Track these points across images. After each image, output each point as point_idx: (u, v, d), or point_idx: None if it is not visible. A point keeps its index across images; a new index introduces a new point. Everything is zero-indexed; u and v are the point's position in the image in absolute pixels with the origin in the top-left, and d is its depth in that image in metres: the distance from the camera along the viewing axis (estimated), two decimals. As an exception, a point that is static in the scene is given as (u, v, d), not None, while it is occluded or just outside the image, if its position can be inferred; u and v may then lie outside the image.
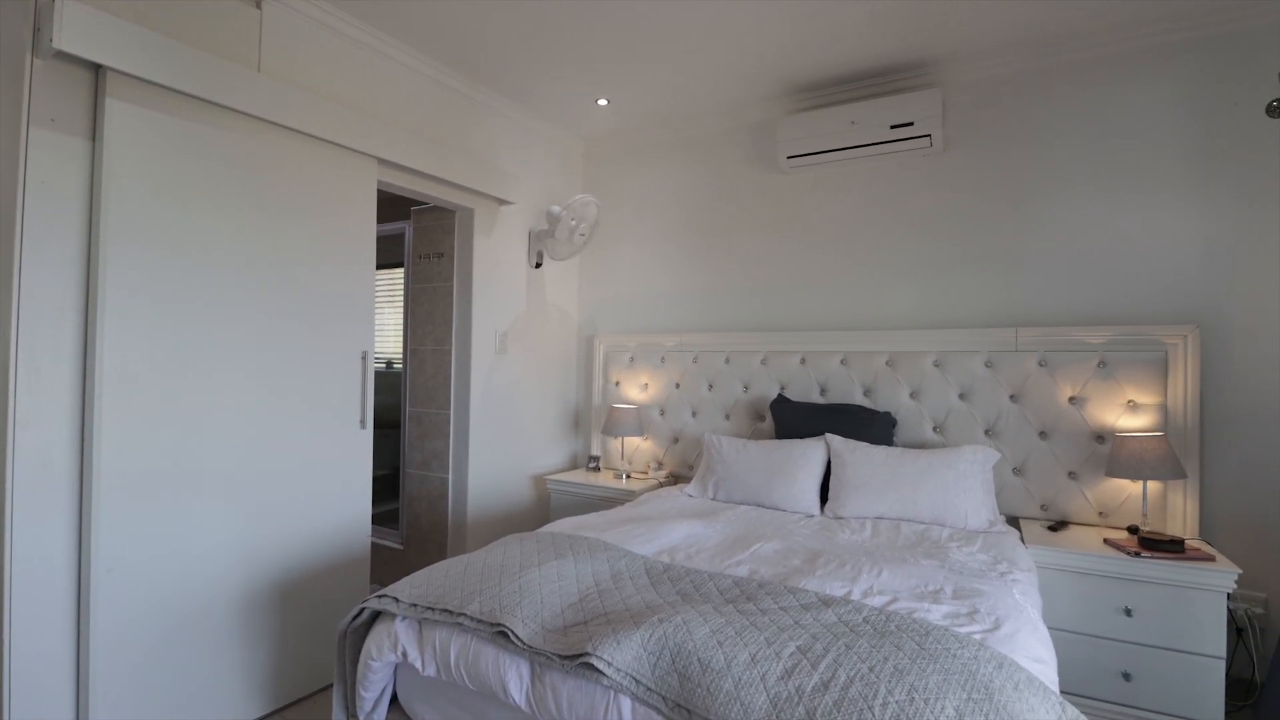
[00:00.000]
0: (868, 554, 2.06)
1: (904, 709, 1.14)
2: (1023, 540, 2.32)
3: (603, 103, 3.37)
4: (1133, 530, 2.35)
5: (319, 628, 2.44)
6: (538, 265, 3.60)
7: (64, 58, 1.78)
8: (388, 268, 3.95)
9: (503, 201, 3.27)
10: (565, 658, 1.37)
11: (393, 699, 1.76)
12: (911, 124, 2.82)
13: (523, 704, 1.42)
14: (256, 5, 2.28)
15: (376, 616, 1.73)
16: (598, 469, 3.68)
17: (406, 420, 3.51)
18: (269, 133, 2.26)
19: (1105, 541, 2.30)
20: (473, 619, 1.52)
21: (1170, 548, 2.15)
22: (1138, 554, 2.14)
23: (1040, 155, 2.76)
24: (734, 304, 3.48)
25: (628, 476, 3.44)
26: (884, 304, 3.08)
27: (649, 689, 1.30)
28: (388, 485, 3.88)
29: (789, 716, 1.16)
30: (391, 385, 4.02)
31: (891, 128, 2.86)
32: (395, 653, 1.61)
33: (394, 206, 3.83)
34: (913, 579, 1.81)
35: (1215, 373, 2.44)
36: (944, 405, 2.83)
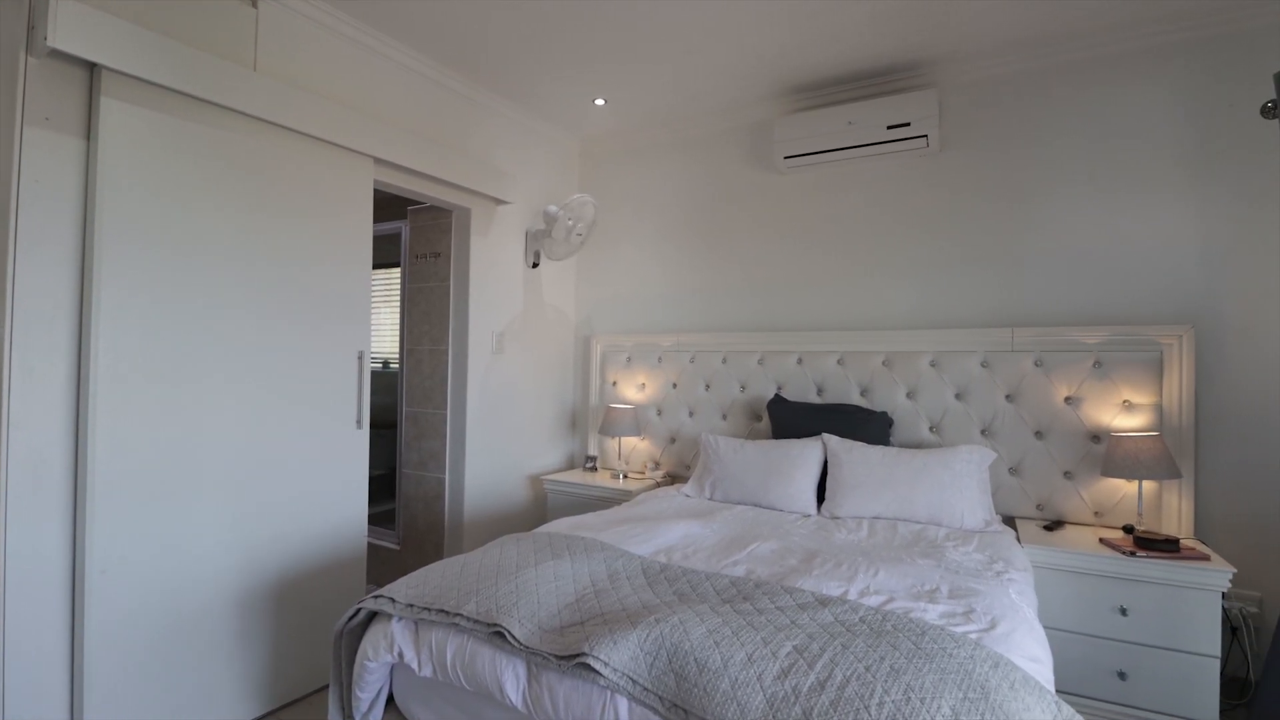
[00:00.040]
0: (864, 554, 2.06)
1: (900, 708, 1.14)
2: (1019, 540, 2.33)
3: (600, 103, 3.37)
4: (1128, 530, 2.36)
5: (315, 628, 2.44)
6: (535, 265, 3.60)
7: (58, 56, 1.77)
8: (384, 267, 3.95)
9: (500, 201, 3.27)
10: (562, 658, 1.37)
11: (389, 700, 1.75)
12: (908, 124, 2.83)
13: (519, 704, 1.42)
14: (253, 4, 2.28)
15: (373, 617, 1.73)
16: (595, 469, 3.68)
17: (403, 420, 3.50)
18: (265, 132, 2.25)
19: (1101, 541, 2.31)
20: (469, 619, 1.52)
21: (1165, 547, 2.16)
22: (1133, 553, 2.15)
23: (1038, 155, 2.76)
24: (731, 304, 3.48)
25: (625, 476, 3.44)
26: (881, 304, 3.08)
27: (646, 689, 1.30)
28: (384, 485, 3.87)
29: (785, 716, 1.16)
30: (388, 385, 4.01)
31: (888, 128, 2.86)
32: (391, 653, 1.61)
33: (390, 206, 3.82)
34: (909, 579, 1.81)
35: (1210, 373, 2.45)
36: (940, 405, 2.84)
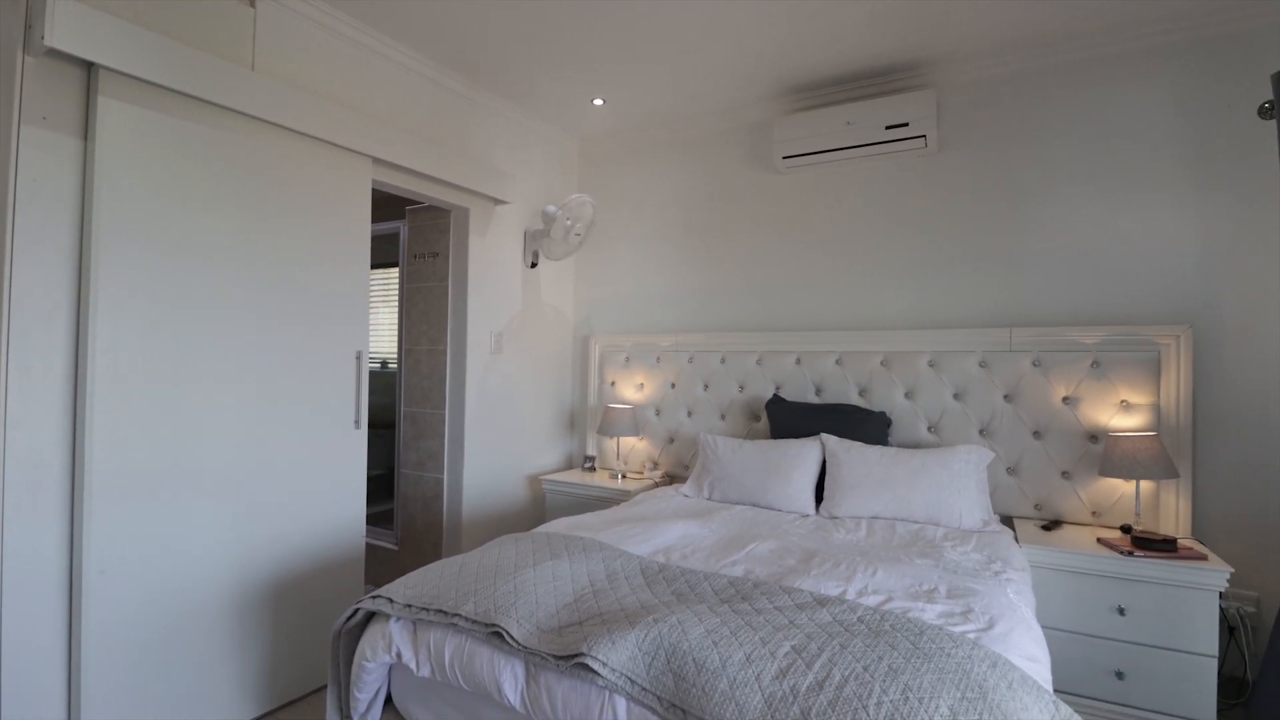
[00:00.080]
0: (862, 554, 2.07)
1: (898, 708, 1.14)
2: (1017, 539, 2.33)
3: (599, 103, 3.37)
4: (1126, 529, 2.36)
5: (313, 628, 2.44)
6: (533, 265, 3.60)
7: (56, 55, 1.77)
8: (382, 267, 3.94)
9: (498, 201, 3.27)
10: (560, 658, 1.37)
11: (387, 700, 1.75)
12: (906, 124, 2.83)
13: (517, 705, 1.42)
14: (251, 4, 2.27)
15: (371, 617, 1.73)
16: (593, 469, 3.68)
17: (401, 420, 3.50)
18: (263, 132, 2.25)
19: (1098, 541, 2.31)
20: (467, 619, 1.51)
21: (1163, 547, 2.16)
22: (1131, 553, 2.15)
23: (1036, 156, 2.77)
24: (730, 304, 3.48)
25: (623, 476, 3.44)
26: (879, 304, 3.08)
27: (644, 689, 1.30)
28: (382, 485, 3.87)
29: (784, 716, 1.16)
30: (386, 385, 4.00)
31: (886, 128, 2.87)
32: (390, 653, 1.60)
33: (388, 206, 3.81)
34: (907, 578, 1.81)
35: (1208, 373, 2.45)
36: (939, 405, 2.84)
